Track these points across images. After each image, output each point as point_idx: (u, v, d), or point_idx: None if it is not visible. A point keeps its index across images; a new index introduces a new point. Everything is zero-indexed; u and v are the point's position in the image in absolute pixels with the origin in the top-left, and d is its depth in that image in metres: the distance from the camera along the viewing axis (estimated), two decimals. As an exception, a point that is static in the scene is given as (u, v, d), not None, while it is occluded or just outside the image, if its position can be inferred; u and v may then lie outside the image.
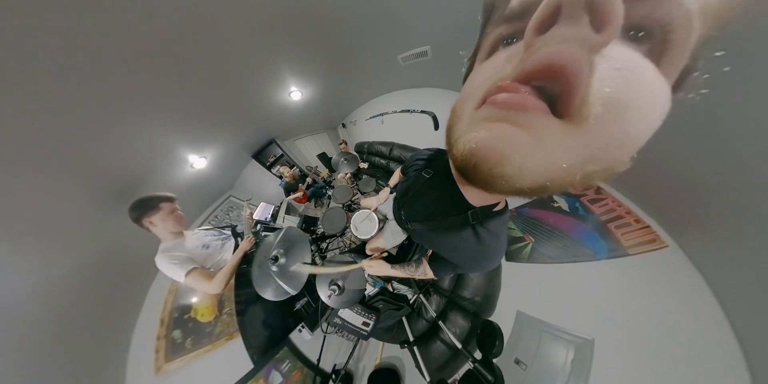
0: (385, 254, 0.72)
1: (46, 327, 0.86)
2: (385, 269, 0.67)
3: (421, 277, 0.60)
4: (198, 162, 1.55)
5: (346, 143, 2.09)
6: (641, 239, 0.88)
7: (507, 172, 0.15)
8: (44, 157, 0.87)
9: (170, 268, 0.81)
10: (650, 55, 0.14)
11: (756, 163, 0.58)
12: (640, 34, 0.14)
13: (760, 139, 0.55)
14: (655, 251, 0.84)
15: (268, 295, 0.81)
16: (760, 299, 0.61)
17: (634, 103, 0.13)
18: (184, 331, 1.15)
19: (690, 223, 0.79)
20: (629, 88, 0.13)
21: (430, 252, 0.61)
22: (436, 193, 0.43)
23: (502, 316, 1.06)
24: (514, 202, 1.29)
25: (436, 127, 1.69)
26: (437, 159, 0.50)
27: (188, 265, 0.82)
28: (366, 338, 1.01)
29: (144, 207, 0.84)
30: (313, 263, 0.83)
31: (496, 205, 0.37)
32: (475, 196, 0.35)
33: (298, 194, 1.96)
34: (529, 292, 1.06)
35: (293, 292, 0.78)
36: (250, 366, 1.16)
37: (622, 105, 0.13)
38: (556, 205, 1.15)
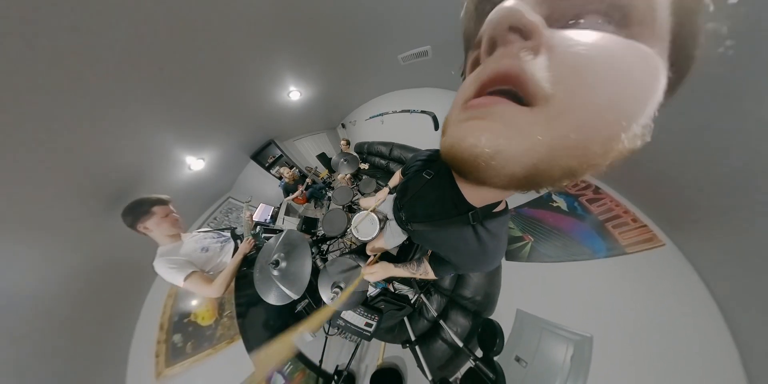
0: (377, 255, 0.71)
1: (44, 331, 0.84)
2: (387, 271, 0.66)
3: (423, 277, 0.61)
4: (195, 163, 1.53)
5: (347, 142, 2.07)
6: (638, 238, 0.90)
7: (481, 155, 0.16)
8: (40, 157, 0.85)
9: (169, 273, 0.80)
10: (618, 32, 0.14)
11: (752, 162, 0.59)
12: (599, 21, 0.15)
13: (756, 139, 0.56)
14: (652, 250, 0.85)
15: (272, 299, 0.81)
16: (754, 296, 0.63)
17: (592, 69, 0.14)
18: (184, 335, 1.14)
19: (686, 223, 0.81)
20: (582, 59, 0.14)
21: (430, 251, 0.61)
22: (436, 194, 0.43)
23: (502, 314, 1.08)
24: (514, 202, 1.31)
25: (436, 127, 1.69)
26: (438, 160, 0.50)
27: (187, 269, 0.81)
28: (369, 339, 1.01)
29: (136, 212, 0.82)
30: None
31: (496, 205, 0.37)
32: (475, 197, 0.35)
33: (297, 194, 1.95)
34: (529, 291, 1.07)
35: (295, 297, 0.78)
36: (252, 369, 1.15)
37: (578, 74, 0.14)
38: (555, 204, 1.17)
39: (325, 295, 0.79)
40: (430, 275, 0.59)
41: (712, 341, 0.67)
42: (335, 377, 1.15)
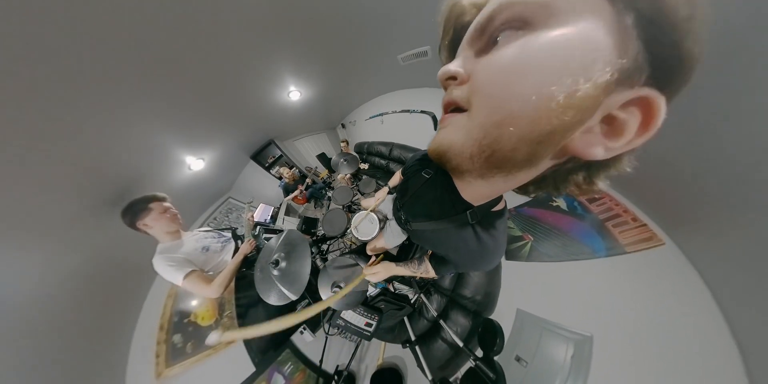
0: (381, 256, 0.71)
1: (43, 332, 0.84)
2: (389, 270, 0.66)
3: (424, 275, 0.61)
4: (195, 163, 1.53)
5: (347, 143, 2.08)
6: (638, 237, 0.90)
7: (448, 148, 0.25)
8: (38, 158, 0.85)
9: (168, 271, 0.79)
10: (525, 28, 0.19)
11: (751, 161, 0.59)
12: (509, 30, 0.20)
13: (755, 138, 0.56)
14: (651, 249, 0.86)
15: (272, 299, 0.80)
16: (753, 295, 0.63)
17: (492, 79, 0.21)
18: (184, 335, 1.14)
19: (685, 222, 0.81)
20: (486, 75, 0.21)
21: (430, 251, 0.61)
22: (435, 193, 0.44)
23: (502, 314, 1.08)
24: (513, 202, 1.31)
25: (436, 127, 1.69)
26: None
27: (186, 268, 0.81)
28: (369, 339, 1.01)
29: (134, 210, 0.82)
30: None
31: (494, 205, 0.38)
32: (472, 194, 0.36)
33: (296, 193, 1.95)
34: (528, 291, 1.07)
35: (294, 297, 0.78)
36: (252, 369, 1.15)
37: (483, 86, 0.21)
38: (554, 204, 1.17)
39: (325, 294, 0.79)
40: (431, 274, 0.59)
41: (712, 340, 0.67)
42: (335, 377, 1.15)
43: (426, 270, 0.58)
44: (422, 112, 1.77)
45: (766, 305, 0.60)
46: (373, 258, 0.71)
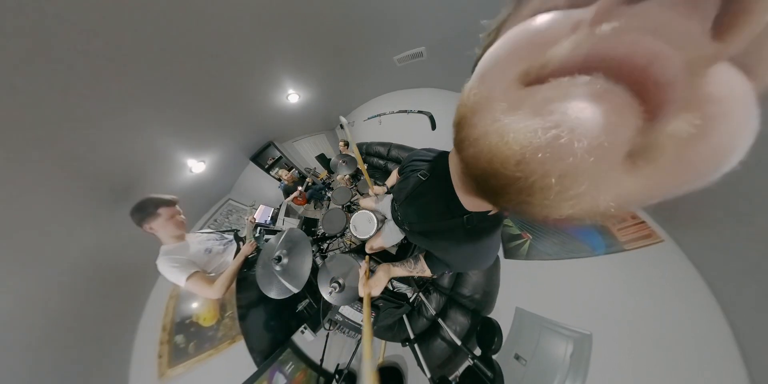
0: (367, 258, 0.67)
1: (45, 333, 0.85)
2: (389, 274, 0.63)
3: (420, 274, 0.61)
4: (197, 166, 1.55)
5: (346, 144, 2.09)
6: (637, 235, 0.89)
7: (571, 189, 0.10)
8: (41, 161, 0.87)
9: (171, 272, 0.81)
10: None
11: (751, 158, 0.58)
12: None
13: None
14: (650, 246, 0.85)
15: (273, 293, 0.82)
16: (752, 291, 0.63)
17: (723, 149, 0.09)
18: (186, 335, 1.16)
19: (684, 219, 0.80)
20: (721, 130, 0.09)
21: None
22: (430, 196, 0.42)
23: (501, 312, 1.08)
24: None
25: (433, 127, 1.70)
26: (434, 161, 0.50)
27: (189, 269, 0.82)
28: (367, 337, 1.01)
29: (143, 213, 0.83)
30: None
31: (490, 210, 0.36)
32: (470, 202, 0.34)
33: (296, 194, 1.96)
34: (527, 289, 1.07)
35: (296, 290, 0.80)
36: (254, 369, 1.16)
37: (707, 149, 0.09)
38: (552, 202, 1.16)
39: (324, 289, 0.80)
40: (427, 273, 0.59)
41: (710, 336, 0.67)
42: (336, 376, 1.16)
43: (422, 269, 0.58)
44: (419, 112, 1.78)
45: (765, 302, 0.60)
46: (364, 264, 0.66)
